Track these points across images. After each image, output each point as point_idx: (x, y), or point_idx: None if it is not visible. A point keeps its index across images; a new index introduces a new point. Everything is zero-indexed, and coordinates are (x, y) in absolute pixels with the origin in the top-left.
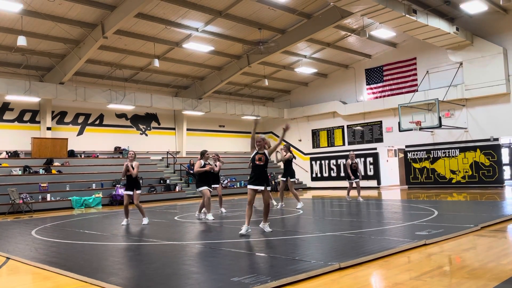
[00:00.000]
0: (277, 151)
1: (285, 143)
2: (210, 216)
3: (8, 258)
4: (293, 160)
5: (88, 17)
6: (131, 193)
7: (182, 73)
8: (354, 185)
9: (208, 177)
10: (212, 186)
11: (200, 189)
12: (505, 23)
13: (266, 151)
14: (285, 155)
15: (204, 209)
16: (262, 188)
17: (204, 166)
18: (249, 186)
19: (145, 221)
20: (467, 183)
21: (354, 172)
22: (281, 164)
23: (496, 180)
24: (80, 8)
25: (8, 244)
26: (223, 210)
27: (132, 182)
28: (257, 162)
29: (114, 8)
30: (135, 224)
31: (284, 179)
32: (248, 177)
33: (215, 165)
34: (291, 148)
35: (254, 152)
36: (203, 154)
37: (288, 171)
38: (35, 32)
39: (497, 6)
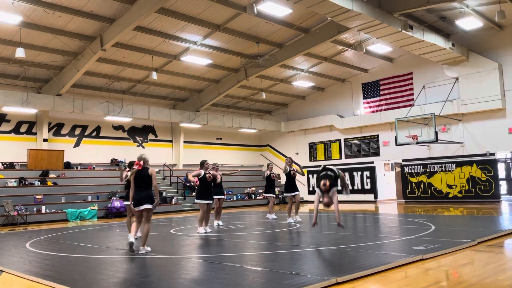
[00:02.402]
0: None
1: (286, 158)
2: (201, 230)
3: (1, 271)
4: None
5: (87, 29)
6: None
7: (180, 85)
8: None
9: (208, 189)
10: (216, 197)
11: (197, 201)
12: (500, 39)
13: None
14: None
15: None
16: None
17: (204, 176)
18: None
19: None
20: (464, 198)
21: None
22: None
23: (492, 195)
24: (79, 21)
25: (1, 256)
26: (220, 222)
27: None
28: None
29: (113, 21)
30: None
31: (292, 194)
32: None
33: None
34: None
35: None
36: (203, 164)
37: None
38: (34, 44)
39: (492, 23)
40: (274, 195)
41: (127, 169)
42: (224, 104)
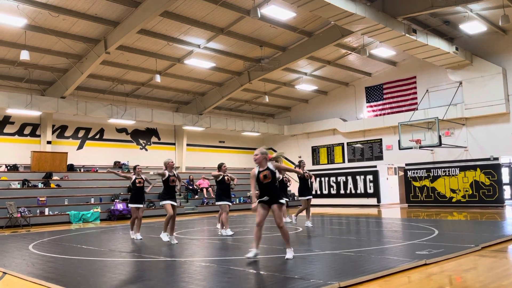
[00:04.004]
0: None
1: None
2: (229, 231)
3: (4, 273)
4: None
5: (91, 32)
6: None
7: (183, 88)
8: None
9: (228, 191)
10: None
11: (219, 203)
12: (504, 44)
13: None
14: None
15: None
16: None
17: (223, 178)
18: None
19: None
20: (467, 202)
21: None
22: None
23: (496, 200)
24: (84, 24)
25: (4, 258)
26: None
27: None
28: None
29: (117, 24)
30: (132, 240)
31: (306, 198)
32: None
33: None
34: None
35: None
36: (220, 167)
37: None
38: (38, 47)
39: (496, 27)
40: (287, 200)
41: (131, 172)
42: (227, 107)
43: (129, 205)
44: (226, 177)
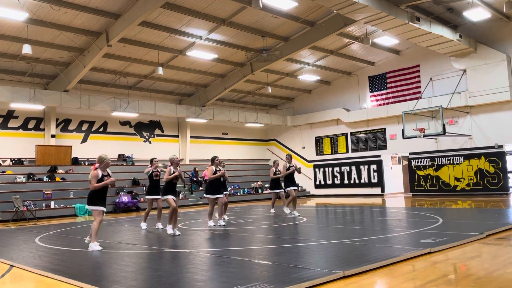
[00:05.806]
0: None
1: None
2: (211, 223)
3: (11, 266)
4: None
5: (92, 25)
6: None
7: (186, 80)
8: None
9: (219, 184)
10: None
11: (206, 196)
12: (509, 31)
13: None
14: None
15: (223, 215)
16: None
17: (215, 172)
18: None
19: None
20: (472, 191)
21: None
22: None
23: (501, 188)
24: (85, 17)
25: (11, 251)
26: (226, 217)
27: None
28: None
29: (118, 16)
30: (138, 232)
31: (293, 188)
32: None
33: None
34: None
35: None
36: (213, 160)
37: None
38: (40, 41)
39: (501, 14)
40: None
41: (149, 165)
42: (230, 99)
43: (146, 197)
44: (218, 172)
